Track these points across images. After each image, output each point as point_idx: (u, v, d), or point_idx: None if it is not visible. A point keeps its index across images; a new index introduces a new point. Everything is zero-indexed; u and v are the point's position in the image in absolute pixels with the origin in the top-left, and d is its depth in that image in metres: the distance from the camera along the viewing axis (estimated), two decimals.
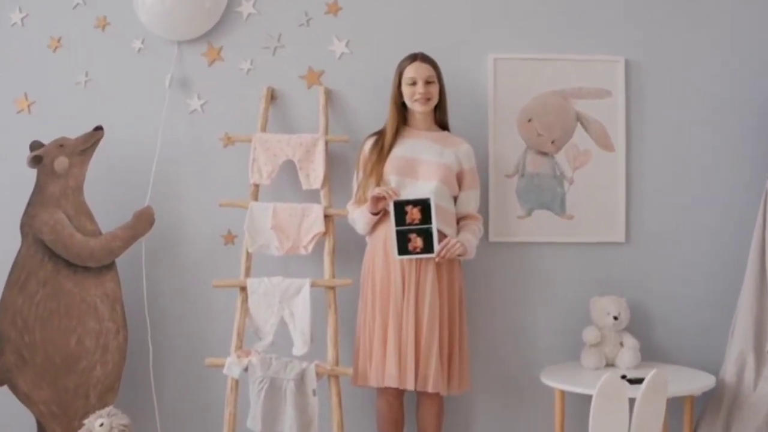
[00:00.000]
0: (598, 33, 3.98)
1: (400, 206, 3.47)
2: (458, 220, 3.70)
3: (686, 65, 4.01)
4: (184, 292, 3.99)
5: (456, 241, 3.53)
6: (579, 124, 3.96)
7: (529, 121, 3.94)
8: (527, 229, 3.93)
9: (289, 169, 3.86)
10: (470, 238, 3.67)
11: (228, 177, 3.95)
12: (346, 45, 4.00)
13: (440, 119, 3.78)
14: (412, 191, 3.56)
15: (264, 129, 3.88)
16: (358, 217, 3.66)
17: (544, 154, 3.96)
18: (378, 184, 3.57)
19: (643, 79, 3.99)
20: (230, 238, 3.99)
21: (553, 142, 3.95)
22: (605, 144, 3.97)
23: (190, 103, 4.01)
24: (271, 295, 3.68)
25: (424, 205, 3.46)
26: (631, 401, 2.87)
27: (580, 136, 3.96)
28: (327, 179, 3.82)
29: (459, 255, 3.56)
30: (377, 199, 3.53)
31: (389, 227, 3.52)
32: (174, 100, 3.97)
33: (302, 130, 3.93)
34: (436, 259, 3.51)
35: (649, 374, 2.91)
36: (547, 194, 3.95)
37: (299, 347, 3.64)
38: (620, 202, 3.95)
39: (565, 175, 3.97)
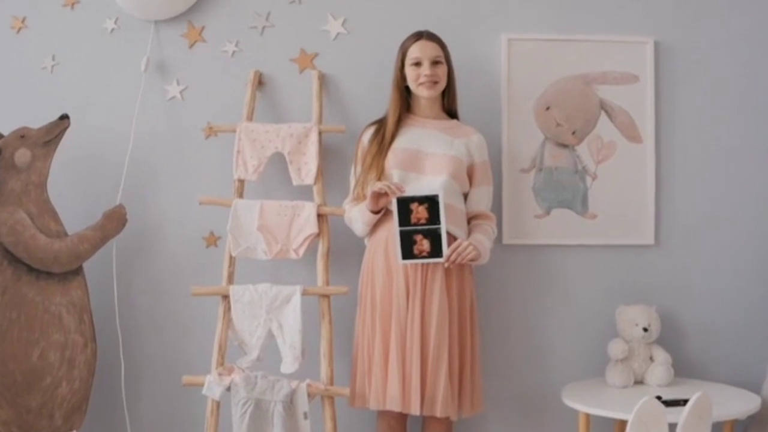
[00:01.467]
0: (625, 11, 3.74)
1: (404, 204, 3.15)
2: (469, 220, 3.40)
3: (722, 47, 3.76)
4: (160, 300, 3.73)
5: (468, 243, 3.20)
6: (603, 113, 3.66)
7: (547, 109, 3.64)
8: (545, 230, 3.64)
9: (278, 162, 3.58)
10: (483, 240, 3.34)
11: (210, 172, 3.69)
12: (343, 24, 3.74)
13: (449, 106, 3.46)
14: (417, 187, 3.24)
15: (250, 118, 3.59)
16: (356, 216, 3.35)
17: (564, 146, 3.66)
18: (379, 179, 3.26)
19: (675, 62, 3.72)
20: (212, 240, 3.70)
21: (573, 133, 3.65)
22: (632, 135, 3.67)
23: (168, 90, 3.74)
24: (257, 304, 3.37)
25: (431, 203, 3.14)
26: (671, 426, 2.67)
27: (604, 126, 3.66)
28: (321, 174, 3.52)
29: (471, 260, 3.23)
30: (378, 196, 3.21)
31: (391, 228, 3.21)
32: (150, 86, 3.72)
33: (293, 120, 3.64)
34: (446, 264, 3.19)
35: (693, 397, 2.69)
36: (567, 191, 3.65)
37: (289, 364, 3.34)
38: (649, 200, 3.67)
39: (588, 169, 3.67)
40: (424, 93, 3.33)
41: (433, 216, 3.14)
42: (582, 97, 3.64)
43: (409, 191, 3.18)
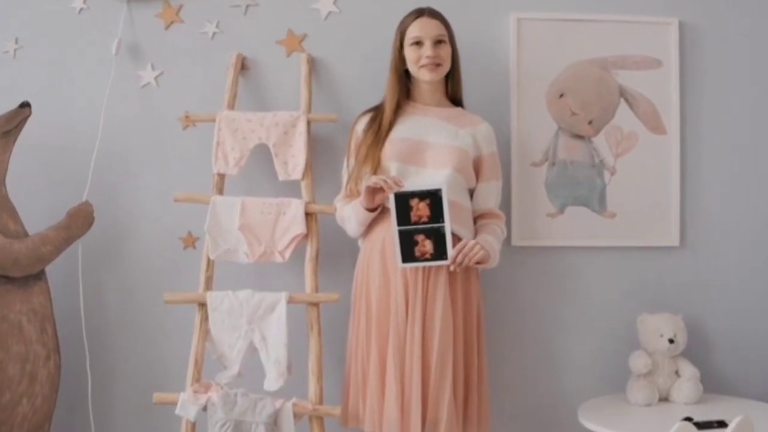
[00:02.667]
0: None
1: (403, 200, 2.92)
2: (475, 220, 3.18)
3: (754, 28, 3.59)
4: (131, 308, 3.55)
5: (475, 242, 2.97)
6: (622, 101, 3.48)
7: (561, 96, 3.45)
8: (559, 231, 3.47)
9: (262, 155, 3.39)
10: (492, 240, 3.09)
11: (188, 166, 3.50)
12: (335, 2, 3.55)
13: (453, 92, 3.23)
14: (417, 181, 3.02)
15: (232, 106, 3.39)
16: (349, 214, 3.11)
17: (580, 137, 3.47)
18: (374, 173, 3.04)
19: (702, 45, 3.56)
20: (190, 241, 3.51)
21: (590, 123, 3.46)
22: (655, 125, 3.48)
23: (141, 75, 3.55)
24: (237, 313, 3.16)
25: (433, 198, 2.90)
26: None
27: (624, 116, 3.48)
28: (309, 168, 3.32)
29: (478, 262, 2.99)
30: (373, 191, 2.97)
31: (389, 227, 2.99)
32: (122, 71, 3.53)
33: (279, 108, 3.43)
34: (451, 268, 2.95)
35: (734, 422, 2.43)
36: (583, 187, 3.46)
37: (273, 380, 3.13)
38: (673, 197, 3.50)
39: (606, 163, 3.48)
40: (425, 77, 3.11)
41: (436, 213, 2.92)
42: (599, 84, 3.46)
43: (409, 186, 2.96)
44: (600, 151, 3.51)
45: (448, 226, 2.94)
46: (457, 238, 3.02)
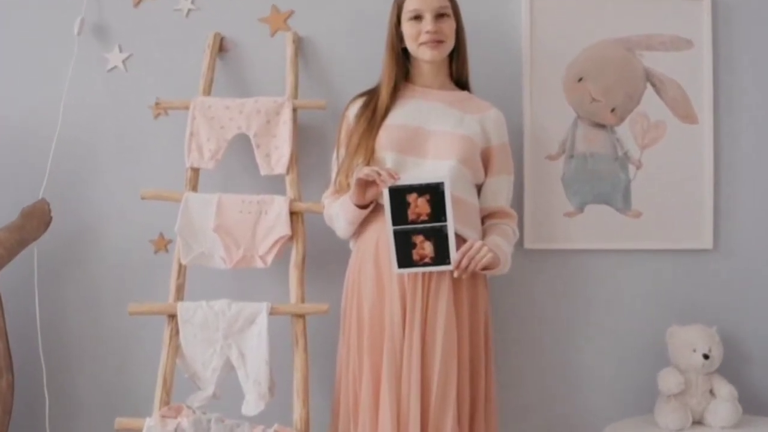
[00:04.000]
0: None
1: (400, 195, 2.72)
2: (482, 219, 2.98)
3: None
4: (95, 321, 3.39)
5: (482, 244, 2.75)
6: (649, 86, 3.32)
7: (580, 80, 3.29)
8: (577, 232, 3.32)
9: (242, 147, 3.23)
10: (502, 243, 2.88)
11: (159, 159, 3.35)
12: None
13: (457, 73, 3.02)
14: (417, 174, 2.81)
15: (208, 92, 3.22)
16: (339, 212, 2.91)
17: (601, 126, 3.31)
18: (368, 164, 2.85)
19: (737, 23, 3.40)
20: (162, 244, 3.34)
21: (612, 111, 3.30)
22: (685, 113, 3.32)
23: (108, 58, 3.38)
24: (212, 326, 2.97)
25: (434, 193, 2.70)
26: None
27: (651, 103, 3.32)
28: (295, 161, 3.15)
29: (486, 267, 2.77)
30: (365, 185, 2.77)
31: (383, 227, 2.78)
32: (86, 53, 3.37)
33: (262, 93, 3.26)
34: (455, 273, 2.74)
35: None
36: (604, 183, 3.31)
37: (252, 403, 2.94)
38: (706, 194, 3.34)
39: (630, 155, 3.32)
40: (426, 55, 2.89)
41: (437, 211, 2.72)
42: (623, 66, 3.31)
43: (406, 179, 2.75)
44: (624, 142, 3.34)
45: (451, 226, 2.72)
46: (461, 240, 2.81)
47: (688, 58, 3.31)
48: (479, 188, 2.99)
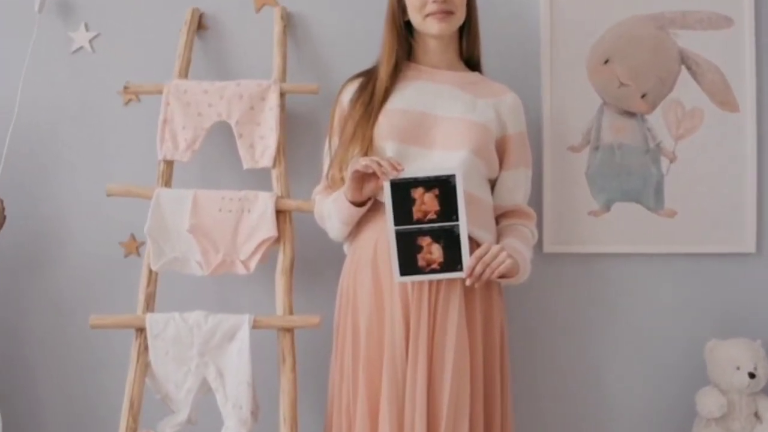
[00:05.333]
0: None
1: (403, 190, 2.52)
2: (496, 219, 2.79)
3: None
4: (57, 334, 3.21)
5: (500, 248, 2.55)
6: (684, 69, 3.13)
7: (606, 62, 3.12)
8: (603, 233, 3.16)
9: (223, 136, 3.06)
10: (521, 247, 2.67)
11: (131, 151, 3.18)
12: None
13: (468, 52, 2.82)
14: (422, 167, 2.61)
15: (185, 74, 3.03)
16: (331, 210, 2.71)
17: (631, 114, 3.14)
18: (365, 155, 2.65)
19: None
20: (133, 247, 3.16)
21: (643, 97, 3.12)
22: (724, 99, 3.14)
23: (73, 38, 3.20)
24: (185, 342, 2.78)
25: (444, 188, 2.50)
26: None
27: (686, 88, 3.14)
28: (283, 153, 2.97)
29: (503, 276, 2.57)
30: (362, 178, 2.57)
31: (383, 227, 2.58)
32: (48, 32, 3.20)
33: (245, 76, 3.09)
34: (467, 282, 2.53)
35: None
36: (634, 178, 3.15)
37: (233, 429, 2.77)
38: (748, 191, 3.17)
39: (664, 147, 3.14)
40: (433, 28, 2.67)
41: (448, 208, 2.52)
42: (655, 47, 3.14)
43: (410, 172, 2.55)
44: (656, 133, 3.17)
45: (464, 226, 2.51)
46: (474, 244, 2.60)
47: (727, 38, 3.15)
48: (492, 184, 2.79)
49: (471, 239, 2.54)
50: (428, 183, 2.49)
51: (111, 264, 3.15)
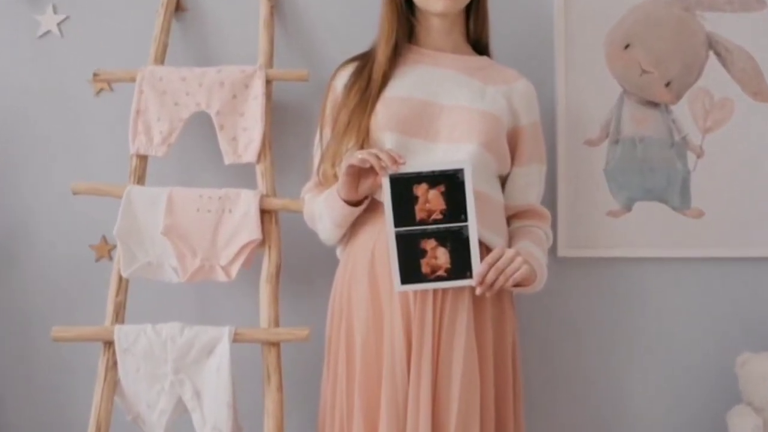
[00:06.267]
0: None
1: (405, 186, 2.36)
2: (507, 220, 2.62)
3: None
4: (21, 347, 3.07)
5: (514, 253, 2.38)
6: (712, 55, 3.00)
7: (627, 47, 2.98)
8: (624, 235, 3.02)
9: (202, 128, 2.91)
10: (536, 251, 2.51)
11: (103, 145, 3.02)
12: None
13: (476, 34, 2.65)
14: (425, 161, 2.46)
15: (161, 60, 2.89)
16: (323, 210, 2.54)
17: (654, 105, 3.00)
18: (362, 148, 2.48)
19: None
20: (105, 250, 3.00)
21: (667, 85, 2.98)
22: (756, 89, 3.00)
23: (39, 21, 3.05)
24: (159, 357, 2.62)
25: (451, 184, 2.34)
26: None
27: (715, 75, 3.00)
28: (269, 146, 2.82)
29: (517, 284, 2.39)
30: (358, 173, 2.41)
31: (382, 229, 2.42)
32: (12, 14, 3.07)
33: (228, 62, 2.95)
34: (477, 291, 2.36)
35: None
36: (658, 175, 3.00)
37: None
38: None
39: (690, 141, 3.00)
40: (437, 6, 2.50)
41: (455, 207, 2.35)
42: (680, 30, 2.99)
43: (412, 166, 2.38)
44: (681, 125, 3.01)
45: (473, 227, 2.33)
46: (484, 248, 2.41)
47: (760, 21, 2.99)
48: (503, 181, 2.62)
49: (480, 243, 2.37)
50: (433, 178, 2.31)
51: (81, 269, 2.99)
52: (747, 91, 2.96)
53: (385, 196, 2.28)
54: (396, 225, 2.30)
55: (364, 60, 2.56)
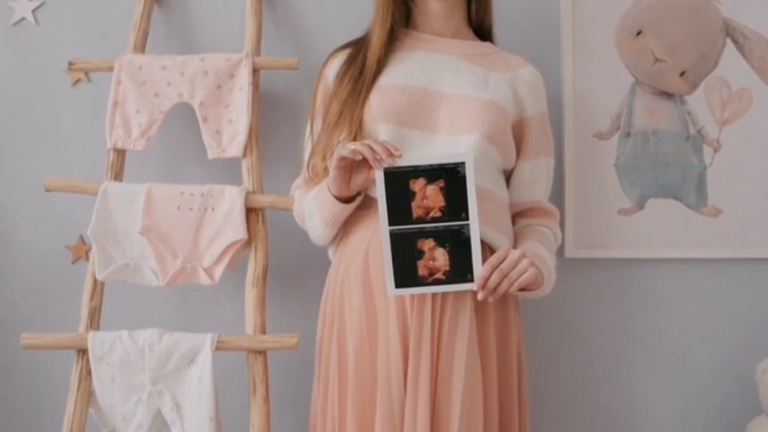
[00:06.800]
0: None
1: (401, 181, 2.24)
2: (512, 218, 2.51)
3: None
4: None
5: (520, 254, 2.26)
6: (729, 42, 2.91)
7: (639, 34, 2.90)
8: (636, 235, 2.92)
9: (184, 120, 2.80)
10: (543, 252, 2.39)
11: (80, 139, 2.91)
12: None
13: (479, 17, 2.55)
14: (423, 154, 2.34)
15: (141, 48, 2.78)
16: (312, 208, 2.41)
17: (667, 95, 2.90)
18: (354, 140, 2.36)
19: None
20: (83, 251, 2.89)
21: (682, 75, 2.90)
22: None
23: (13, 8, 2.95)
24: (135, 366, 2.50)
25: (451, 179, 2.22)
26: None
27: (732, 64, 2.91)
28: (255, 140, 2.70)
29: (522, 289, 2.27)
30: (350, 166, 2.29)
31: (376, 228, 2.31)
32: None
33: (212, 49, 2.83)
34: (479, 296, 2.24)
35: None
36: (672, 170, 2.91)
37: None
38: None
39: (706, 134, 2.90)
40: None
41: (456, 204, 2.23)
42: (695, 16, 2.90)
43: (408, 159, 2.27)
44: (697, 117, 2.91)
45: (475, 225, 2.21)
46: (487, 249, 2.29)
47: None
48: (508, 176, 2.50)
49: (483, 244, 2.25)
50: (432, 172, 2.18)
51: (56, 271, 2.87)
52: (766, 81, 2.87)
53: (379, 192, 2.16)
54: (390, 223, 2.19)
55: (358, 46, 2.44)
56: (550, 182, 2.54)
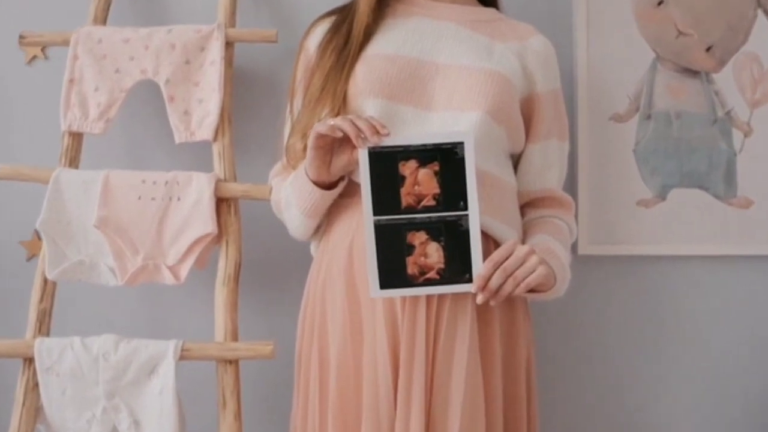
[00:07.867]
0: None
1: (388, 163, 2.00)
2: (521, 208, 2.28)
3: None
4: None
5: (528, 249, 2.01)
6: (761, 14, 2.74)
7: (660, 5, 2.74)
8: (657, 229, 2.75)
9: (149, 100, 2.63)
10: (555, 247, 2.16)
11: (37, 122, 2.73)
12: None
13: None
14: (417, 132, 2.11)
15: (102, 20, 2.59)
16: (290, 196, 2.18)
17: (692, 73, 2.73)
18: (337, 115, 2.13)
19: None
20: (38, 248, 2.66)
21: (708, 50, 2.73)
22: None
23: None
24: (88, 377, 2.31)
25: (448, 161, 1.98)
26: None
27: (764, 38, 2.75)
28: (228, 121, 2.52)
29: (531, 290, 2.04)
30: (330, 144, 2.06)
31: (361, 219, 2.07)
32: None
33: (181, 20, 2.65)
34: (479, 298, 1.99)
35: None
36: (698, 156, 2.73)
37: None
38: None
39: (735, 117, 2.74)
40: None
41: (452, 191, 2.00)
42: None
43: (400, 139, 2.04)
44: (725, 97, 2.73)
45: (475, 216, 1.97)
46: (492, 243, 2.06)
47: None
48: (516, 161, 2.27)
49: (487, 237, 2.01)
50: (425, 154, 1.94)
51: (8, 269, 2.67)
52: None
53: (363, 175, 1.92)
54: (375, 213, 1.95)
55: (344, 13, 2.21)
56: (564, 169, 2.32)
